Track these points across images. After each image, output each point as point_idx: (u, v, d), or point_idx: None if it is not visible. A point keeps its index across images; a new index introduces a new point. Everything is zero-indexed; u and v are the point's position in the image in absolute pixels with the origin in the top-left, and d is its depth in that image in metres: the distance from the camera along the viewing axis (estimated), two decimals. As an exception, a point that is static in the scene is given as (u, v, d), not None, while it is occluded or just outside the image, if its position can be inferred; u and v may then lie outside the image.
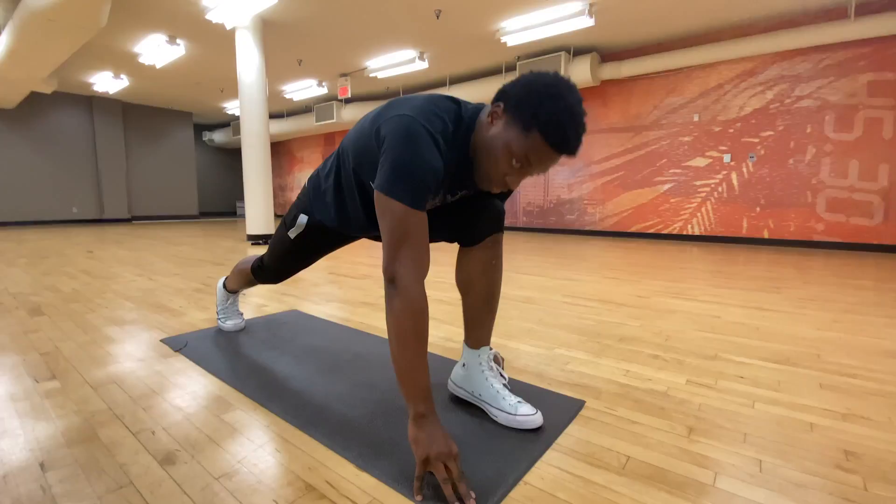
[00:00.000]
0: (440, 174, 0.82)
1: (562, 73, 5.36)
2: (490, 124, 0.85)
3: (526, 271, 3.10)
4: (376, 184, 0.82)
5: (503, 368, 1.14)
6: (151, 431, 0.96)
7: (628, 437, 0.93)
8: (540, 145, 0.79)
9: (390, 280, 0.82)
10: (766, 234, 4.99)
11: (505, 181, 0.86)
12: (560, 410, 1.04)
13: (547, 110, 0.77)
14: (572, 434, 0.95)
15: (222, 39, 5.35)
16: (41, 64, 5.03)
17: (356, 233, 1.15)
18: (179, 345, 1.52)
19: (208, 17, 4.46)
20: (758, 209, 5.03)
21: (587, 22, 4.56)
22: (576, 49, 5.76)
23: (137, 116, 9.23)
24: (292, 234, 1.20)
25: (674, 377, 1.25)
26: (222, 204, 12.68)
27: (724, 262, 3.58)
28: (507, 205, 7.28)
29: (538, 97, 0.78)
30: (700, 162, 5.40)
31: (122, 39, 5.41)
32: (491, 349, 1.09)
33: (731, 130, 5.13)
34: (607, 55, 5.93)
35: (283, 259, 1.29)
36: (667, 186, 5.68)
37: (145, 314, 1.93)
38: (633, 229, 6.01)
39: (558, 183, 6.66)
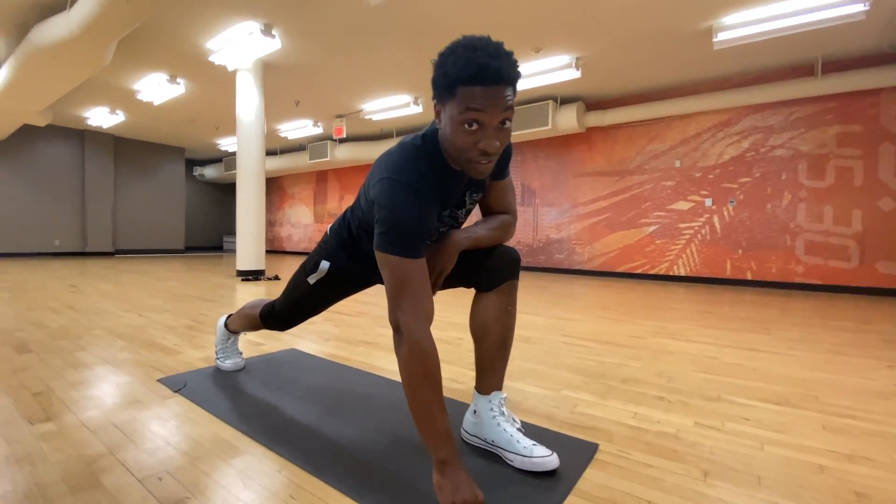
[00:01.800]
0: (426, 216, 0.88)
1: (549, 120, 5.64)
2: (438, 124, 0.90)
3: (520, 310, 3.12)
4: (374, 244, 0.88)
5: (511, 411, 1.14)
6: (158, 477, 0.93)
7: (646, 482, 0.93)
8: (469, 91, 0.78)
9: (395, 328, 0.85)
10: (749, 276, 5.14)
11: (478, 149, 0.83)
12: (575, 454, 1.04)
13: (451, 64, 0.79)
14: (590, 479, 0.94)
15: (222, 79, 5.49)
16: (38, 98, 5.08)
17: (374, 275, 1.19)
18: (178, 385, 1.48)
19: (211, 58, 4.61)
20: (740, 251, 5.20)
21: (574, 74, 4.84)
22: (563, 98, 6.06)
23: (129, 150, 9.25)
24: (312, 279, 1.22)
25: (681, 419, 1.26)
26: (209, 238, 12.55)
27: (710, 303, 3.67)
28: (497, 243, 7.37)
29: (441, 66, 0.82)
30: (683, 205, 5.61)
31: (123, 77, 5.52)
32: (503, 394, 1.09)
33: (711, 176, 5.38)
34: (592, 104, 6.25)
35: (298, 304, 1.30)
36: (652, 228, 5.86)
37: (138, 352, 1.88)
38: (620, 269, 6.13)
39: (547, 223, 6.82)
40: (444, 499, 0.76)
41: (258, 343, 2.07)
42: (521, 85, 5.27)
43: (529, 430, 1.16)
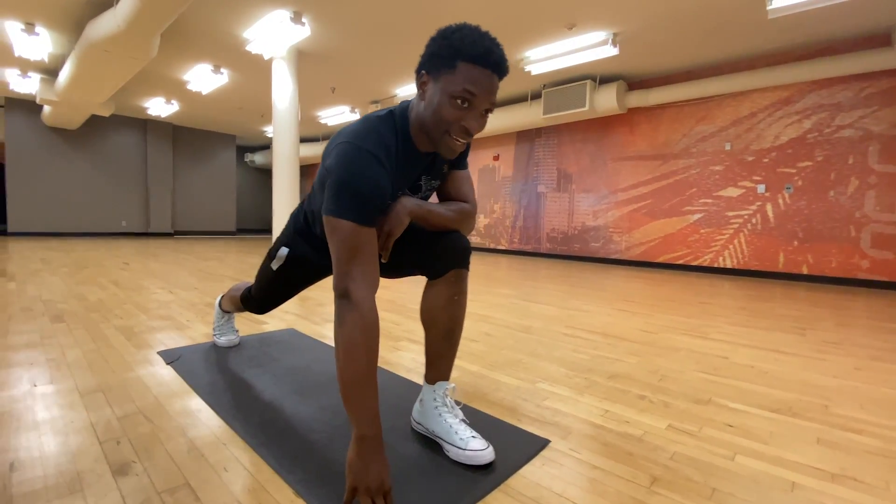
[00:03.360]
0: (382, 185, 0.85)
1: (587, 100, 5.38)
2: (422, 97, 0.88)
3: (536, 299, 3.04)
4: (324, 208, 0.85)
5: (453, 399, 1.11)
6: (117, 441, 1.00)
7: (584, 484, 0.88)
8: (470, 69, 0.81)
9: (342, 295, 0.83)
10: (804, 270, 4.69)
11: (460, 126, 0.85)
12: (520, 449, 1.00)
13: (458, 39, 0.81)
14: (525, 475, 0.91)
15: (262, 69, 5.70)
16: (100, 90, 5.52)
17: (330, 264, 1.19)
18: (172, 357, 1.58)
19: (248, 48, 4.78)
20: (795, 243, 4.75)
21: (611, 51, 4.56)
22: (602, 77, 5.75)
23: (186, 138, 9.88)
24: (274, 265, 1.24)
25: (655, 421, 1.18)
26: (258, 221, 13.24)
27: (753, 299, 3.39)
28: (531, 229, 7.23)
29: (444, 38, 0.83)
30: (732, 192, 5.18)
31: (173, 68, 5.87)
32: (449, 384, 1.06)
33: (766, 160, 4.92)
34: (635, 83, 5.88)
35: (266, 290, 1.33)
36: (696, 216, 5.47)
37: (153, 326, 2.02)
38: (660, 259, 5.80)
39: (583, 210, 6.56)
40: (350, 479, 0.75)
41: (262, 322, 2.16)
42: (555, 65, 5.05)
43: (484, 422, 1.13)
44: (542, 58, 4.99)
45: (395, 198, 0.96)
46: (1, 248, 5.65)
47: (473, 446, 0.93)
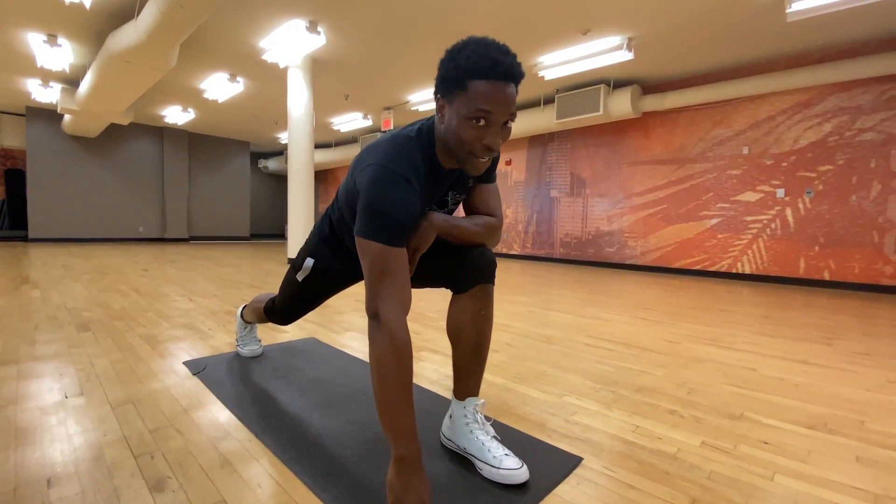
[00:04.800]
0: (412, 206, 0.86)
1: (601, 105, 5.35)
2: (441, 119, 0.88)
3: (554, 307, 3.02)
4: (355, 229, 0.86)
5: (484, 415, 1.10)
6: (151, 455, 1.01)
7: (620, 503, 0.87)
8: (481, 86, 0.80)
9: (373, 316, 0.83)
10: (826, 276, 4.59)
11: (482, 146, 0.85)
12: (553, 467, 0.99)
13: (464, 58, 0.80)
14: (560, 495, 0.89)
15: (277, 77, 5.77)
16: (120, 99, 5.63)
17: (358, 272, 1.19)
18: (198, 368, 1.59)
19: (264, 57, 4.84)
20: (817, 248, 4.66)
21: (626, 56, 4.53)
22: (616, 81, 5.72)
23: (201, 145, 10.04)
24: (300, 276, 1.25)
25: (688, 437, 1.16)
26: (272, 227, 13.37)
27: (775, 306, 3.32)
28: (544, 234, 7.19)
29: (451, 60, 0.82)
30: (750, 196, 5.11)
31: (190, 77, 5.97)
32: (479, 400, 1.06)
33: (785, 164, 4.84)
34: (649, 87, 5.83)
35: (291, 301, 1.34)
36: (714, 221, 5.40)
37: (176, 334, 2.04)
38: (677, 265, 5.73)
39: (597, 214, 6.51)
40: (390, 499, 0.75)
41: (282, 330, 2.18)
42: (570, 69, 5.04)
43: (515, 438, 1.12)
44: (556, 63, 4.98)
45: (422, 213, 0.97)
46: (23, 254, 5.78)
47: (507, 465, 0.92)
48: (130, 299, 2.88)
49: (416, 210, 0.88)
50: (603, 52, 4.60)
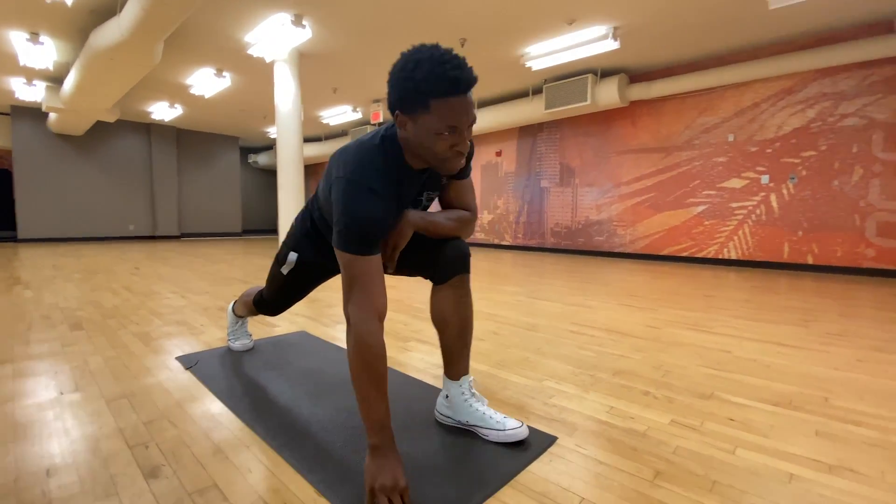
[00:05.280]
0: (380, 216, 0.91)
1: (588, 95, 5.39)
2: (404, 132, 0.92)
3: (541, 296, 3.08)
4: (332, 240, 0.94)
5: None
6: (145, 446, 1.05)
7: (589, 479, 0.93)
8: (444, 104, 0.83)
9: (346, 319, 0.91)
10: (810, 260, 4.69)
11: (455, 151, 0.90)
12: (528, 446, 1.05)
13: (421, 79, 0.82)
14: (534, 472, 0.95)
15: (263, 71, 5.73)
16: (105, 96, 5.58)
17: (336, 265, 1.24)
18: (191, 363, 1.63)
19: (250, 51, 4.81)
20: (800, 233, 4.75)
21: (612, 45, 4.56)
22: (603, 71, 5.74)
23: (189, 141, 9.95)
24: (284, 270, 1.29)
25: (658, 416, 1.22)
26: (264, 222, 13.33)
27: (759, 290, 3.41)
28: (535, 224, 7.25)
29: (407, 80, 0.84)
30: (736, 183, 5.18)
31: (176, 73, 5.92)
32: (470, 377, 1.15)
33: (770, 150, 4.91)
34: (636, 76, 5.87)
35: (278, 293, 1.39)
36: (700, 208, 5.48)
37: (169, 331, 2.08)
38: (665, 252, 5.81)
39: (587, 204, 6.57)
40: (367, 481, 0.81)
41: (273, 324, 2.22)
42: (557, 59, 5.06)
43: (493, 420, 1.18)
44: (543, 53, 4.99)
45: (395, 216, 1.01)
46: (13, 255, 5.75)
47: (511, 425, 1.05)
48: (122, 297, 2.90)
49: (385, 218, 0.93)
50: (589, 41, 4.62)
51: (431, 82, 0.81)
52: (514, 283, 3.66)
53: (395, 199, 0.98)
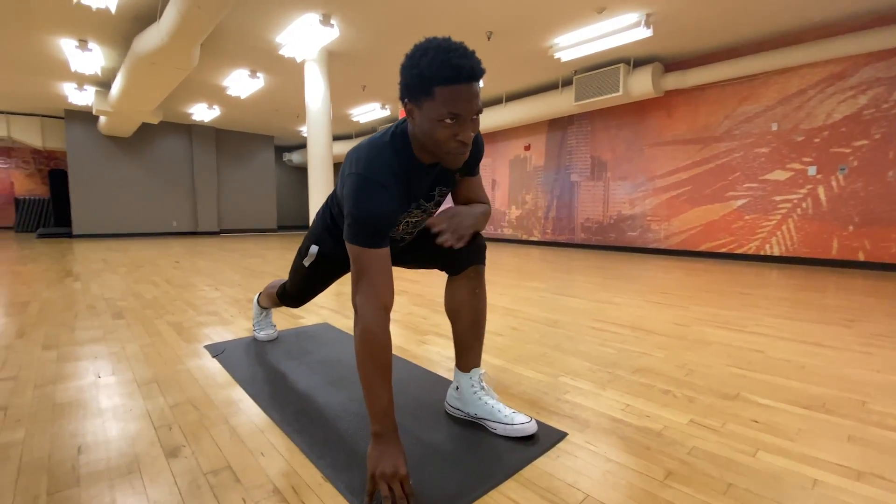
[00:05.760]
0: (388, 211, 0.92)
1: (620, 85, 5.23)
2: (413, 121, 0.93)
3: (566, 292, 3.03)
4: (343, 235, 0.96)
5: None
6: (169, 427, 1.11)
7: (596, 475, 0.91)
8: (447, 91, 0.84)
9: (354, 309, 0.93)
10: (861, 257, 4.39)
11: (458, 141, 0.89)
12: (536, 441, 1.03)
13: (426, 66, 0.83)
14: (539, 466, 0.94)
15: (294, 71, 5.88)
16: (149, 99, 5.88)
17: None
18: (218, 351, 1.71)
19: (281, 52, 4.95)
20: (851, 228, 4.44)
21: (645, 33, 4.39)
22: (636, 60, 5.55)
23: (227, 140, 10.36)
24: (306, 262, 1.33)
25: (677, 416, 1.18)
26: (298, 218, 13.72)
27: (801, 289, 3.22)
28: (565, 220, 7.11)
29: (413, 68, 0.85)
30: (780, 175, 4.90)
31: (213, 75, 6.16)
32: (481, 370, 1.15)
33: (817, 140, 4.61)
34: (671, 64, 5.64)
35: (300, 285, 1.43)
36: (741, 202, 5.22)
37: (201, 321, 2.18)
38: (702, 248, 5.58)
39: (619, 198, 6.39)
40: (369, 468, 0.83)
41: (298, 316, 2.28)
42: (587, 50, 4.93)
43: (503, 414, 1.17)
44: (572, 44, 4.88)
45: (409, 210, 1.04)
46: (67, 249, 6.17)
47: (519, 420, 1.05)
48: (161, 289, 3.06)
49: (393, 212, 0.95)
50: (620, 30, 4.47)
51: (435, 69, 0.82)
52: (538, 280, 3.61)
53: (405, 194, 0.99)
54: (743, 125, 5.14)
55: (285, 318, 2.24)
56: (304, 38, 4.49)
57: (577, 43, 4.85)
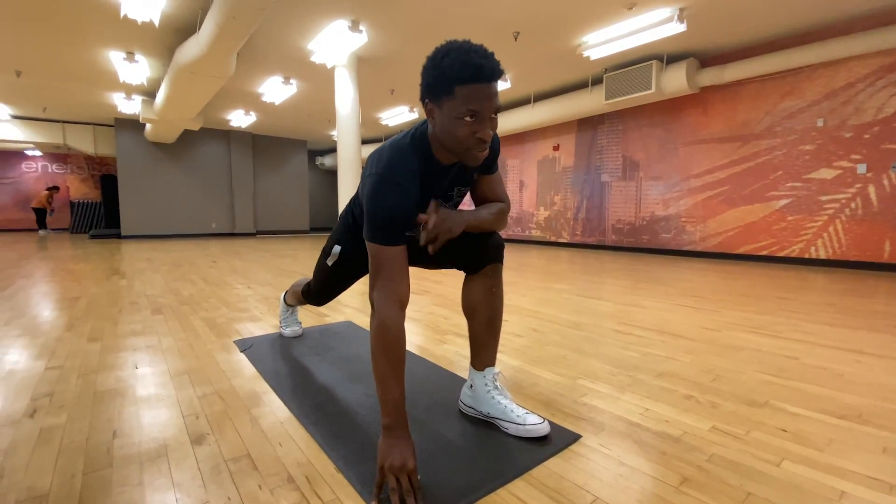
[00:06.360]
0: (406, 209, 0.94)
1: (653, 82, 5.09)
2: (433, 121, 0.96)
3: (591, 294, 2.97)
4: (363, 234, 0.99)
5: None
6: (196, 416, 1.17)
7: (608, 479, 0.89)
8: (467, 90, 0.87)
9: (371, 305, 0.95)
10: (918, 260, 4.09)
11: (477, 138, 0.92)
12: (549, 442, 1.03)
13: (447, 66, 0.87)
14: (550, 467, 0.94)
15: (325, 77, 6.04)
16: (190, 107, 6.18)
17: None
18: (246, 346, 1.78)
19: (313, 59, 5.10)
20: (906, 229, 4.15)
21: (678, 28, 4.26)
22: (669, 56, 5.38)
23: (263, 145, 10.75)
24: (329, 262, 1.38)
25: (698, 422, 1.14)
26: (330, 220, 14.05)
27: (846, 293, 3.04)
28: (595, 221, 6.97)
29: (435, 68, 0.89)
30: (826, 173, 4.63)
31: (249, 83, 6.41)
32: (496, 369, 1.15)
33: (867, 136, 4.33)
34: (707, 59, 5.43)
35: (323, 283, 1.48)
36: (783, 202, 4.96)
37: (233, 317, 2.28)
38: (740, 251, 5.34)
39: (652, 198, 6.21)
40: (379, 460, 0.84)
41: (323, 314, 2.35)
42: (618, 47, 4.82)
43: (517, 414, 1.17)
44: (602, 41, 4.78)
45: (426, 206, 1.05)
46: (116, 249, 6.56)
47: (531, 421, 1.04)
48: (198, 287, 3.22)
49: (410, 211, 0.97)
50: (652, 25, 4.35)
51: (457, 68, 0.86)
52: (564, 281, 3.56)
53: (423, 193, 1.02)
54: (785, 121, 4.89)
55: (311, 316, 2.30)
56: (334, 45, 4.61)
57: (606, 40, 4.75)
